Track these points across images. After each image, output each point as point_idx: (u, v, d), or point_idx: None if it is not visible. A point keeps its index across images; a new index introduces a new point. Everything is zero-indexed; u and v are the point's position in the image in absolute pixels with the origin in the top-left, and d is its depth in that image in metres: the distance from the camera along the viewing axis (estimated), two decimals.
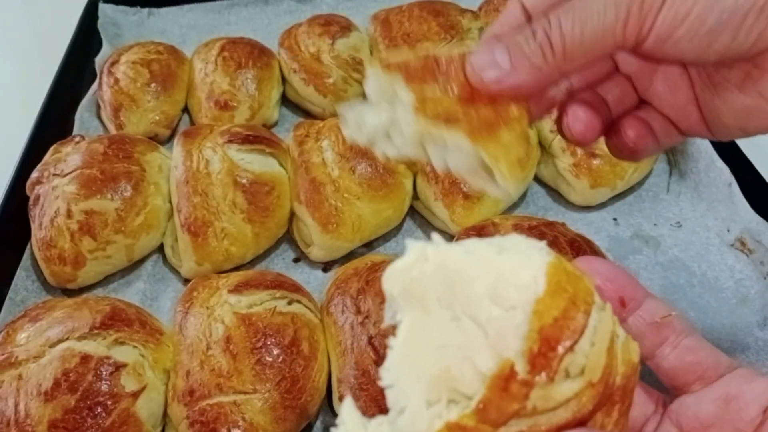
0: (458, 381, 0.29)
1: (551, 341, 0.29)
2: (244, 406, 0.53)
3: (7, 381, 0.52)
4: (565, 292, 0.30)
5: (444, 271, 0.30)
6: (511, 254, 0.31)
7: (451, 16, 0.89)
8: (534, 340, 0.29)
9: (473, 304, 0.29)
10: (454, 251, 0.30)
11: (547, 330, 0.29)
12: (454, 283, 0.29)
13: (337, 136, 0.72)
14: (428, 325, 0.29)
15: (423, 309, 0.30)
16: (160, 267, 0.73)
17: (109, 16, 1.01)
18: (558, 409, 0.29)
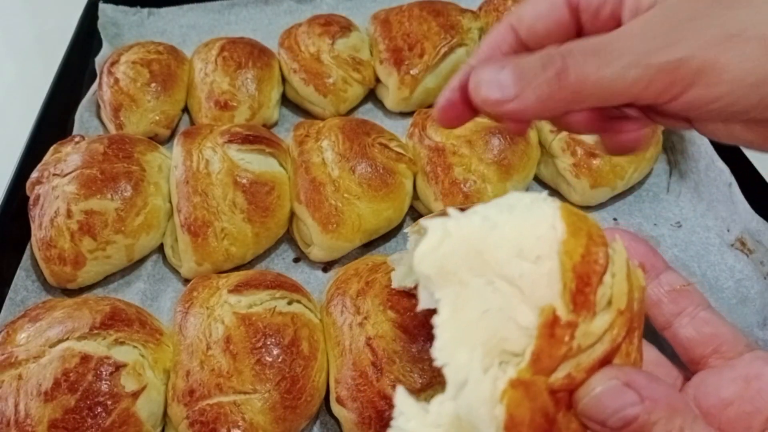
0: (507, 341, 0.30)
1: (584, 277, 0.31)
2: (244, 406, 0.53)
3: (7, 381, 0.52)
4: (582, 230, 0.32)
5: (468, 242, 0.31)
6: (522, 211, 0.32)
7: (451, 16, 0.89)
8: (570, 279, 0.31)
9: (503, 265, 0.30)
10: (472, 221, 0.32)
11: (579, 267, 0.31)
12: (480, 251, 0.31)
13: (337, 136, 0.72)
14: (467, 297, 0.30)
15: (458, 282, 0.30)
16: (160, 267, 0.73)
17: (109, 16, 1.01)
18: (596, 344, 0.31)
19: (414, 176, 0.74)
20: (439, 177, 0.71)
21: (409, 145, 0.76)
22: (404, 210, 0.73)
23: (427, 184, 0.72)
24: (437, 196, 0.71)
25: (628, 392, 0.31)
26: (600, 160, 0.72)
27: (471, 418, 0.29)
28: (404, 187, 0.72)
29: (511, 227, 0.31)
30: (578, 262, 0.31)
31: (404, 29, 0.88)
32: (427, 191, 0.73)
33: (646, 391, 0.31)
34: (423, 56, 0.86)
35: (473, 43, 0.90)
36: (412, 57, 0.86)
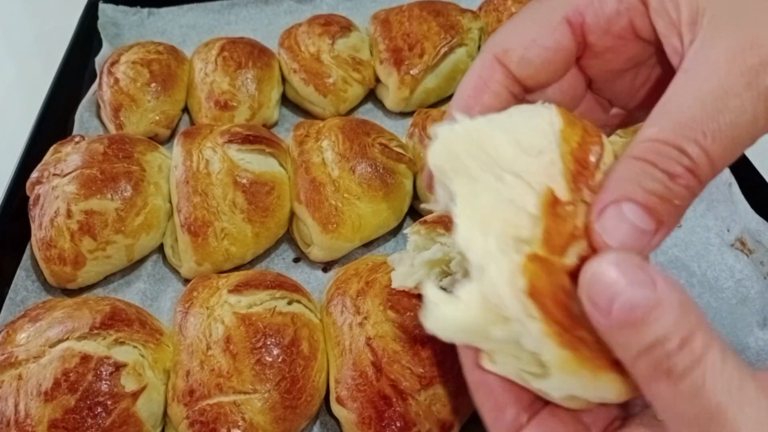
0: (519, 228, 0.31)
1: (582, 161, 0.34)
2: (244, 406, 0.53)
3: (7, 381, 0.52)
4: (577, 124, 0.35)
5: (476, 141, 0.33)
6: (522, 113, 0.35)
7: (451, 16, 0.89)
8: (569, 161, 0.33)
9: (508, 161, 0.33)
10: (478, 122, 0.34)
11: (577, 152, 0.34)
12: (486, 149, 0.33)
13: (337, 136, 0.72)
14: (479, 189, 0.32)
15: (470, 177, 0.33)
16: (160, 267, 0.73)
17: (109, 16, 1.01)
18: None
19: (414, 176, 0.74)
20: None
21: (409, 145, 0.76)
22: (404, 210, 0.73)
23: None
24: None
25: (640, 273, 0.28)
26: None
27: (496, 296, 0.30)
28: (404, 187, 0.72)
29: (513, 126, 0.34)
30: (575, 148, 0.34)
31: (404, 29, 0.88)
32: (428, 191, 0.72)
33: (662, 280, 0.28)
34: (423, 56, 0.86)
35: (473, 43, 0.90)
36: (412, 57, 0.86)
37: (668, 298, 0.27)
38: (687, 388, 0.27)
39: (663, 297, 0.27)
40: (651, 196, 0.30)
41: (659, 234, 0.31)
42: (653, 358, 0.27)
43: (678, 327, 0.27)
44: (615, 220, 0.31)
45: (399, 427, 0.52)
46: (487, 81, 0.38)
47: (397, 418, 0.52)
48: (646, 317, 0.27)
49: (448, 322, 0.31)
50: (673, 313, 0.27)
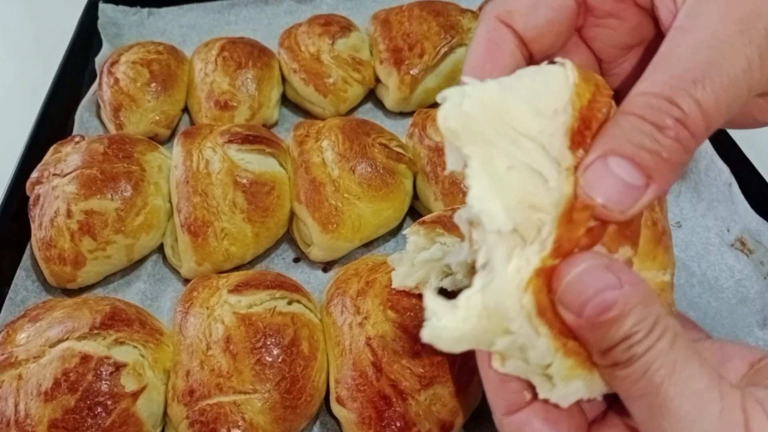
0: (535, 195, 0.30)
1: (587, 120, 0.32)
2: (244, 406, 0.53)
3: (7, 381, 0.52)
4: (591, 80, 0.34)
5: (487, 104, 0.32)
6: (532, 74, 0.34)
7: (451, 16, 0.89)
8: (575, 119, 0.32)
9: (523, 124, 0.31)
10: (489, 85, 0.32)
11: (585, 111, 0.32)
12: (499, 112, 0.32)
13: (337, 136, 0.72)
14: (493, 153, 0.31)
15: (484, 140, 0.31)
16: (160, 267, 0.73)
17: (109, 16, 1.01)
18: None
19: (414, 176, 0.74)
20: (439, 177, 0.71)
21: (409, 145, 0.76)
22: (404, 210, 0.73)
23: (427, 184, 0.72)
24: (437, 196, 0.71)
25: (608, 274, 0.29)
26: None
27: (499, 308, 0.30)
28: (404, 187, 0.72)
29: (526, 87, 0.33)
30: (585, 106, 0.33)
31: (404, 29, 0.88)
32: (427, 191, 0.73)
33: (625, 276, 0.30)
34: (423, 56, 0.86)
35: None
36: (412, 57, 0.86)
37: (634, 296, 0.29)
38: (636, 369, 0.29)
39: (629, 296, 0.29)
40: (638, 150, 0.30)
41: (650, 190, 0.30)
42: (618, 351, 0.30)
43: (643, 322, 0.29)
44: (600, 174, 0.30)
45: (399, 427, 0.52)
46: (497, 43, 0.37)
47: (397, 418, 0.52)
48: (617, 317, 0.29)
49: (447, 333, 0.31)
50: (638, 310, 0.29)
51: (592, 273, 0.29)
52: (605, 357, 0.31)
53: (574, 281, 0.30)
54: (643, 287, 0.30)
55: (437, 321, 0.31)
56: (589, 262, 0.30)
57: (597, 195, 0.30)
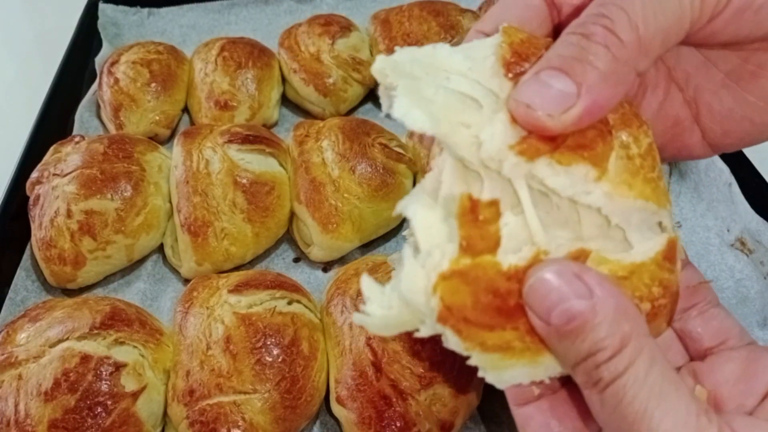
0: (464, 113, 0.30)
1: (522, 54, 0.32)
2: (244, 406, 0.53)
3: (7, 381, 0.52)
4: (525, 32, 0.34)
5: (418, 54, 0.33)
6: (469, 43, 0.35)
7: (451, 16, 0.89)
8: (507, 51, 0.32)
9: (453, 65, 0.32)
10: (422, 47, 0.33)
11: (517, 46, 0.32)
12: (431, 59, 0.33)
13: (337, 136, 0.72)
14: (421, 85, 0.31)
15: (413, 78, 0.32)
16: (160, 267, 0.73)
17: (109, 16, 1.01)
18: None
19: (414, 176, 0.74)
20: None
21: (409, 145, 0.76)
22: None
23: None
24: None
25: (577, 283, 0.28)
26: None
27: (411, 304, 0.30)
28: (404, 187, 0.72)
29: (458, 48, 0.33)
30: (516, 42, 0.33)
31: (404, 29, 0.88)
32: None
33: (598, 289, 0.28)
34: None
35: None
36: None
37: (603, 308, 0.28)
38: (609, 399, 0.28)
39: (598, 308, 0.28)
40: (567, 59, 0.29)
41: (582, 99, 0.29)
42: (586, 368, 0.28)
43: (610, 338, 0.28)
44: (530, 84, 0.30)
45: (399, 427, 0.52)
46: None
47: (397, 418, 0.52)
48: (582, 327, 0.28)
49: (373, 319, 0.31)
50: (606, 324, 0.28)
51: (560, 278, 0.29)
52: (577, 374, 0.30)
53: (538, 285, 0.29)
54: (615, 301, 0.28)
55: (368, 306, 0.31)
56: (558, 266, 0.29)
57: (534, 104, 0.29)
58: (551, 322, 0.29)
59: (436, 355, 0.53)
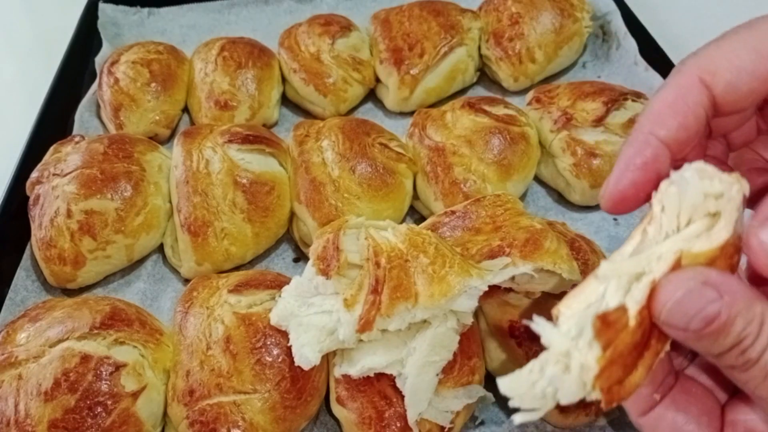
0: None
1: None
2: (244, 406, 0.53)
3: (7, 381, 0.52)
4: None
5: None
6: None
7: (451, 15, 0.89)
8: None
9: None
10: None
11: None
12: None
13: (337, 136, 0.72)
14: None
15: None
16: (160, 267, 0.73)
17: (109, 16, 1.01)
18: None
19: (414, 176, 0.74)
20: (439, 177, 0.71)
21: (409, 145, 0.76)
22: (404, 210, 0.73)
23: (427, 184, 0.72)
24: (437, 196, 0.71)
25: (707, 290, 0.30)
26: (600, 160, 0.72)
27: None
28: (404, 187, 0.72)
29: None
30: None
31: (404, 29, 0.88)
32: (427, 191, 0.73)
33: (724, 286, 0.30)
34: (423, 56, 0.86)
35: (473, 43, 0.90)
36: (412, 57, 0.86)
37: (735, 303, 0.30)
38: (757, 371, 0.31)
39: (731, 305, 0.30)
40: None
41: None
42: (732, 356, 0.31)
43: (749, 326, 0.30)
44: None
45: (399, 427, 0.52)
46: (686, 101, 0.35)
47: (397, 418, 0.52)
48: (722, 328, 0.30)
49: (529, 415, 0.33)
50: (742, 316, 0.30)
51: (692, 294, 0.30)
52: (720, 360, 0.31)
53: (674, 308, 0.31)
54: (743, 291, 0.31)
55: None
56: (686, 283, 0.31)
57: None
58: (690, 329, 0.31)
59: None
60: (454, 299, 0.50)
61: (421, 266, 0.50)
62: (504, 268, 0.52)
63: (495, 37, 0.89)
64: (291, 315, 0.53)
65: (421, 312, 0.49)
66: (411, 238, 0.52)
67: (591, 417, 0.55)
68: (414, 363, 0.50)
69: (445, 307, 0.50)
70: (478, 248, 0.55)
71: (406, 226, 0.55)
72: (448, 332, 0.51)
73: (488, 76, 0.94)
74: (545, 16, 0.89)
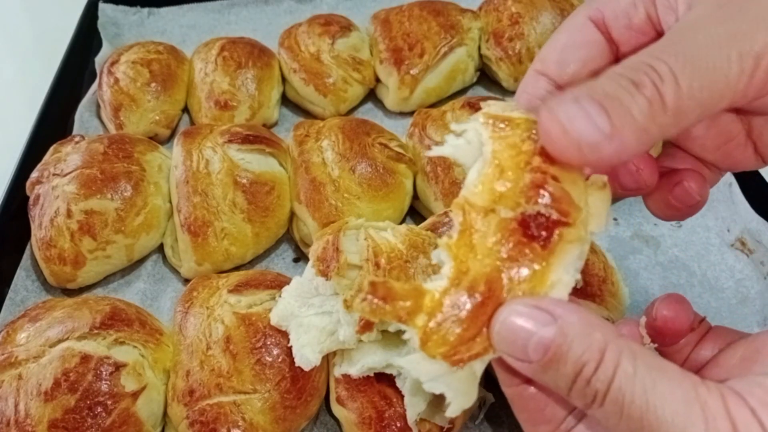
0: None
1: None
2: (244, 406, 0.53)
3: (7, 381, 0.52)
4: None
5: None
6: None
7: (451, 15, 0.89)
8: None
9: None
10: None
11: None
12: None
13: (337, 136, 0.72)
14: None
15: None
16: (160, 267, 0.73)
17: (109, 15, 1.01)
18: None
19: (414, 176, 0.74)
20: (439, 177, 0.71)
21: (409, 145, 0.76)
22: (404, 210, 0.73)
23: (427, 184, 0.72)
24: (437, 196, 0.71)
25: (539, 312, 0.29)
26: None
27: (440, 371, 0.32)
28: (404, 187, 0.72)
29: None
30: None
31: (404, 29, 0.88)
32: (427, 191, 0.73)
33: (559, 310, 0.29)
34: (423, 56, 0.86)
35: (473, 43, 0.90)
36: (412, 57, 0.86)
37: (570, 326, 0.29)
38: (611, 407, 0.28)
39: (566, 328, 0.29)
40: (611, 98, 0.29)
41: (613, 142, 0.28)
42: (579, 388, 0.29)
43: (588, 351, 0.28)
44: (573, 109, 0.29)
45: (399, 427, 0.52)
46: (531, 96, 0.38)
47: (397, 418, 0.52)
48: (559, 353, 0.28)
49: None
50: (578, 340, 0.28)
51: (521, 315, 0.29)
52: (574, 398, 0.30)
53: (505, 330, 0.29)
54: (578, 316, 0.29)
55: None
56: (515, 305, 0.29)
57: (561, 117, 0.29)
58: (531, 359, 0.29)
59: None
60: None
61: (420, 267, 0.50)
62: None
63: (495, 37, 0.89)
64: (291, 315, 0.53)
65: None
66: (411, 238, 0.52)
67: None
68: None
69: None
70: None
71: (405, 227, 0.55)
72: None
73: (488, 76, 0.94)
74: (545, 16, 0.88)
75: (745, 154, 0.40)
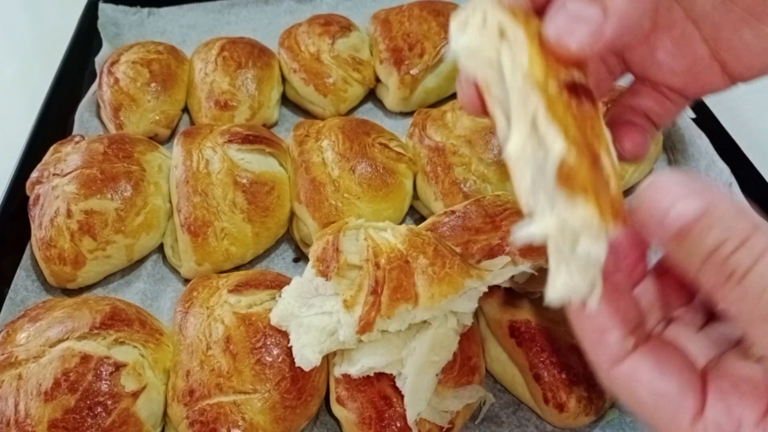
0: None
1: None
2: (244, 406, 0.53)
3: (7, 381, 0.52)
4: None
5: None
6: None
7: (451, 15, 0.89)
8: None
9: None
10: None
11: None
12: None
13: (337, 135, 0.72)
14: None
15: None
16: (160, 267, 0.73)
17: (109, 15, 1.01)
18: None
19: (414, 176, 0.74)
20: (439, 177, 0.71)
21: (409, 145, 0.76)
22: (404, 210, 0.73)
23: (427, 184, 0.72)
24: (437, 196, 0.71)
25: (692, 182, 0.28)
26: None
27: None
28: (404, 187, 0.72)
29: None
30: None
31: (404, 29, 0.88)
32: (427, 191, 0.73)
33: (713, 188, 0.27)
34: (423, 56, 0.86)
35: None
36: (412, 57, 0.86)
37: (720, 204, 0.27)
38: (752, 286, 0.27)
39: (715, 204, 0.27)
40: None
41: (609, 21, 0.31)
42: (714, 263, 0.27)
43: (734, 230, 0.27)
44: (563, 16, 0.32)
45: (399, 427, 0.52)
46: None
47: (397, 418, 0.52)
48: (699, 224, 0.27)
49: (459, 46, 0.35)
50: (727, 218, 0.27)
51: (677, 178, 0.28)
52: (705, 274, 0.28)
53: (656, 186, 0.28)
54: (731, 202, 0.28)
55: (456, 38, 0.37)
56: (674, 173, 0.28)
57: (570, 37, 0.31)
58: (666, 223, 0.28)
59: None
60: (455, 300, 0.50)
61: (420, 267, 0.50)
62: (504, 268, 0.52)
63: None
64: (291, 315, 0.53)
65: (421, 313, 0.49)
66: (410, 238, 0.52)
67: (591, 417, 0.55)
68: (414, 363, 0.50)
69: (446, 308, 0.50)
70: (478, 248, 0.55)
71: (405, 227, 0.55)
72: (448, 333, 0.51)
73: None
74: None
75: (712, 75, 0.40)
